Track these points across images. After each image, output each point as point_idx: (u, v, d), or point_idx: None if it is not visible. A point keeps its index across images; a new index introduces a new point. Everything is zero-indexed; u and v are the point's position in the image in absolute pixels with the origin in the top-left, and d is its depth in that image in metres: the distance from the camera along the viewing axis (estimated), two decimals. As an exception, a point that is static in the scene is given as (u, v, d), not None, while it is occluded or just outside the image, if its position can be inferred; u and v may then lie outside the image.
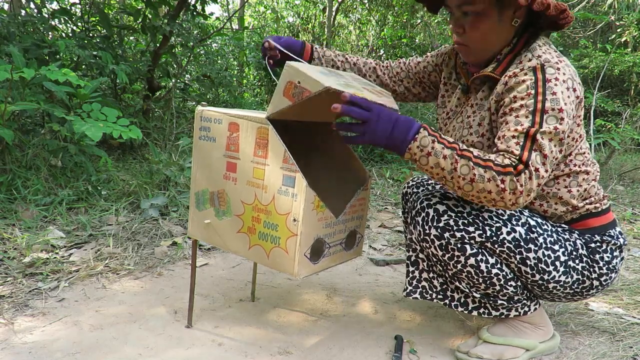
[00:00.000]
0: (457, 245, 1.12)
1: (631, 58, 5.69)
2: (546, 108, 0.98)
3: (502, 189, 0.95)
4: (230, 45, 5.65)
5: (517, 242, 1.11)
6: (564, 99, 0.99)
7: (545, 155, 0.97)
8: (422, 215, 1.14)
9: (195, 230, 1.31)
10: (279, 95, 1.08)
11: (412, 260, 1.24)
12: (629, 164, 4.94)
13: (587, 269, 1.17)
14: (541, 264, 1.12)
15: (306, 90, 1.03)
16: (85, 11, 3.84)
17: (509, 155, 0.98)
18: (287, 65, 1.06)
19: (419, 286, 1.24)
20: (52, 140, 2.58)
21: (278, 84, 1.08)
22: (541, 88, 1.00)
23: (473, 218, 1.11)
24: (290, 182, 1.09)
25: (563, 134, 0.99)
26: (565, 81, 1.01)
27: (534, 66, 1.03)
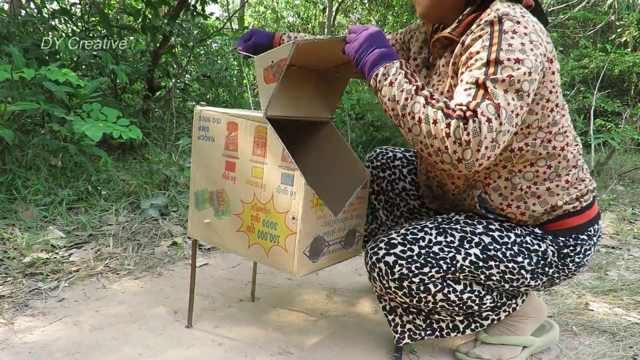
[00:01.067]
0: (420, 289, 1.08)
1: (631, 58, 5.69)
2: (501, 58, 0.89)
3: (447, 134, 0.86)
4: (231, 45, 5.65)
5: (475, 264, 1.07)
6: (523, 51, 0.90)
7: (497, 105, 0.86)
8: (376, 271, 1.12)
9: (195, 230, 1.31)
10: (262, 86, 1.11)
11: (387, 309, 1.20)
12: (629, 164, 4.93)
13: (557, 272, 1.13)
14: (507, 275, 1.09)
15: (281, 61, 1.05)
16: (85, 11, 3.84)
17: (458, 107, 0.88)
18: (255, 59, 1.11)
19: (405, 330, 1.20)
20: (52, 140, 2.58)
21: (257, 80, 1.12)
22: (496, 39, 0.91)
23: (424, 257, 1.07)
24: (289, 180, 1.09)
25: (520, 85, 0.88)
26: (527, 34, 0.92)
27: (491, 20, 0.94)
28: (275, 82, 1.08)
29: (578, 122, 4.40)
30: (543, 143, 1.04)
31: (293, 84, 1.29)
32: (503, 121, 0.86)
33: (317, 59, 1.26)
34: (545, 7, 5.61)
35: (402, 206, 1.46)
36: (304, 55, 1.17)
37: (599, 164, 4.14)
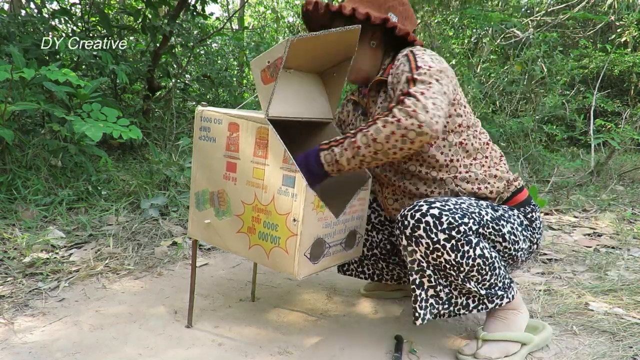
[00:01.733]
0: (465, 240, 1.14)
1: (631, 58, 5.69)
2: (418, 65, 1.17)
3: (398, 120, 1.06)
4: (230, 45, 5.65)
5: (494, 221, 1.22)
6: (432, 61, 1.18)
7: (428, 83, 1.11)
8: (422, 227, 1.14)
9: (195, 230, 1.31)
10: (261, 87, 1.12)
11: (417, 283, 1.21)
12: (629, 164, 4.94)
13: (531, 235, 1.32)
14: (513, 236, 1.25)
15: (278, 59, 1.06)
16: (85, 11, 3.84)
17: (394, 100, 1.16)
18: (251, 64, 1.13)
19: (427, 305, 1.23)
20: (52, 140, 2.58)
21: (255, 82, 1.13)
22: (411, 57, 1.20)
23: (461, 211, 1.16)
24: (290, 182, 1.09)
25: (439, 74, 1.14)
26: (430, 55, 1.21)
27: (405, 53, 1.24)
28: (273, 81, 1.08)
29: (578, 122, 4.40)
30: (475, 138, 1.29)
31: (293, 85, 1.29)
32: (435, 90, 1.10)
33: (314, 58, 1.26)
34: (545, 7, 5.61)
35: (372, 218, 1.51)
36: (300, 55, 1.17)
37: (599, 164, 4.14)
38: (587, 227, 2.69)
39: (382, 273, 1.56)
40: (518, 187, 1.32)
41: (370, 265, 1.55)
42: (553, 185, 3.71)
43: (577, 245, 2.33)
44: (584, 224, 2.75)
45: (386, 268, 1.55)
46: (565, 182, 3.77)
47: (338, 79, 1.36)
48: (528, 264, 1.59)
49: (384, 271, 1.55)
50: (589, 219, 2.90)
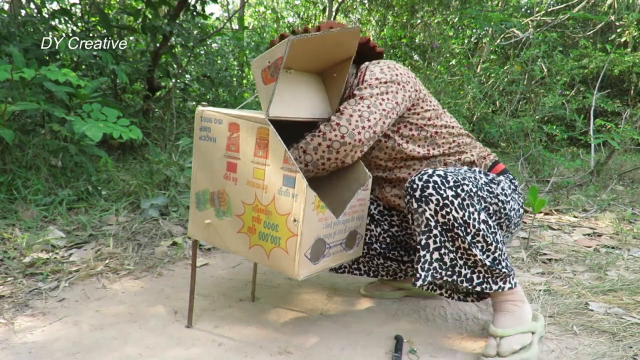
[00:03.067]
0: (469, 200, 1.20)
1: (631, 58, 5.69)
2: (365, 79, 1.29)
3: (323, 133, 1.20)
4: (230, 45, 5.65)
5: (487, 185, 1.31)
6: (382, 72, 1.29)
7: (360, 97, 1.24)
8: (430, 185, 1.19)
9: (196, 231, 1.31)
10: (262, 87, 1.12)
11: (422, 243, 1.23)
12: (629, 164, 4.94)
13: (518, 198, 1.42)
14: (504, 196, 1.33)
15: (278, 59, 1.07)
16: (85, 11, 3.84)
17: None
18: (252, 63, 1.13)
19: (430, 268, 1.24)
20: (52, 140, 2.58)
21: (255, 82, 1.13)
22: (362, 73, 1.32)
23: (461, 175, 1.25)
24: (290, 182, 1.09)
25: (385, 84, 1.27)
26: (386, 64, 1.32)
27: (360, 67, 1.36)
28: (274, 82, 1.08)
29: (578, 122, 4.40)
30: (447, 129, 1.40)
31: (293, 86, 1.29)
32: (366, 104, 1.23)
33: (314, 59, 1.26)
34: (545, 7, 5.62)
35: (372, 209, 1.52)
36: (301, 55, 1.17)
37: (599, 164, 4.14)
38: (587, 227, 2.70)
39: (377, 269, 1.57)
40: (494, 160, 1.45)
41: (366, 262, 1.56)
42: (553, 185, 3.71)
43: (577, 245, 2.33)
44: (584, 224, 2.75)
45: (382, 265, 1.55)
46: (565, 182, 3.77)
47: (338, 79, 1.36)
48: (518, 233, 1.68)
49: (379, 267, 1.56)
50: (589, 219, 2.90)
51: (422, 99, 1.37)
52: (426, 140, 1.38)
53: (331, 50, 1.24)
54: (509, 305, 1.32)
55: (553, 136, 5.09)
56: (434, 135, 1.38)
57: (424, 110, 1.37)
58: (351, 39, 1.22)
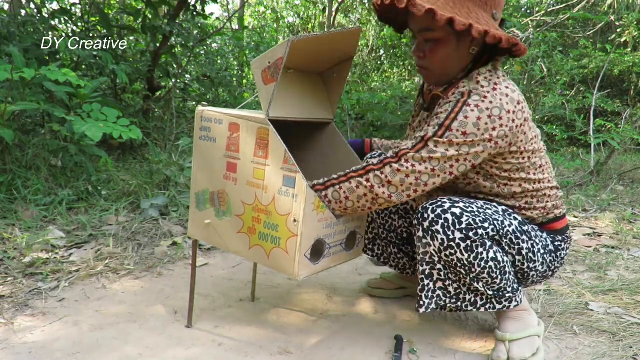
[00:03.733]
0: (479, 243, 1.15)
1: (631, 58, 5.69)
2: (452, 127, 1.08)
3: (371, 186, 1.10)
4: (230, 45, 5.65)
5: (515, 234, 1.21)
6: (476, 125, 1.07)
7: (432, 155, 1.08)
8: (440, 223, 1.14)
9: (196, 231, 1.31)
10: (263, 88, 1.12)
11: (426, 273, 1.21)
12: (629, 164, 4.94)
13: (552, 262, 1.32)
14: (530, 254, 1.24)
15: (279, 59, 1.06)
16: (85, 11, 3.84)
17: (391, 153, 1.12)
18: (252, 63, 1.12)
19: (434, 296, 1.23)
20: (52, 140, 2.58)
21: (256, 82, 1.12)
22: (458, 108, 1.09)
23: (483, 215, 1.16)
24: (290, 182, 1.09)
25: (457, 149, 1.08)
26: (489, 109, 1.08)
27: (462, 91, 1.13)
28: (274, 82, 1.08)
29: (578, 122, 4.40)
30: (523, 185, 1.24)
31: (293, 86, 1.29)
32: (430, 166, 1.09)
33: (314, 59, 1.26)
34: (545, 7, 5.62)
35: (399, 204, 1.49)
36: (301, 55, 1.17)
37: (599, 164, 4.14)
38: (587, 227, 2.69)
39: (389, 258, 1.56)
40: (558, 215, 1.31)
41: (382, 246, 1.55)
42: (553, 185, 3.71)
43: (577, 245, 2.33)
44: (584, 224, 2.75)
45: (395, 255, 1.55)
46: (565, 182, 3.77)
47: (338, 79, 1.36)
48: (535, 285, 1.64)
49: (391, 257, 1.55)
50: (589, 219, 2.90)
51: (512, 152, 1.17)
52: (491, 190, 1.24)
53: (332, 51, 1.24)
54: (513, 312, 1.32)
55: (553, 136, 5.09)
56: (501, 187, 1.23)
57: (505, 162, 1.19)
58: (352, 40, 1.22)
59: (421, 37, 1.17)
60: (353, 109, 4.85)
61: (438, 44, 1.15)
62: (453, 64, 1.18)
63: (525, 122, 1.15)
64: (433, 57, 1.17)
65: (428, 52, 1.17)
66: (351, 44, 1.23)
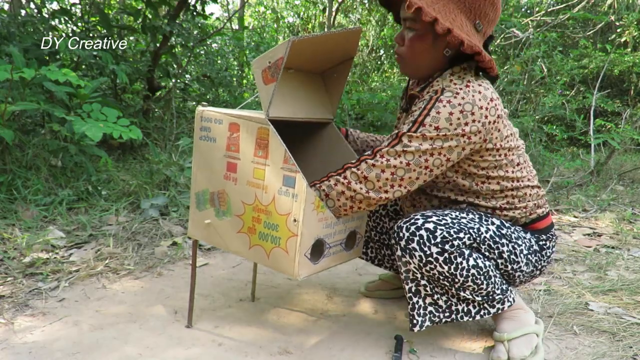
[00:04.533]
0: (457, 253, 1.15)
1: (631, 58, 5.69)
2: (424, 122, 1.09)
3: (348, 182, 1.11)
4: (230, 45, 5.65)
5: (493, 239, 1.21)
6: (448, 119, 1.09)
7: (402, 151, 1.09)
8: (415, 240, 1.15)
9: (195, 231, 1.31)
10: (262, 87, 1.11)
11: (413, 291, 1.21)
12: (629, 164, 4.94)
13: (538, 261, 1.32)
14: (512, 256, 1.25)
15: (279, 59, 1.06)
16: (85, 11, 3.84)
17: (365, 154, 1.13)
18: (252, 63, 1.12)
19: (427, 313, 1.23)
20: (52, 140, 2.58)
21: (256, 82, 1.12)
22: (430, 105, 1.11)
23: (457, 225, 1.17)
24: (290, 182, 1.09)
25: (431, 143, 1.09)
26: (461, 104, 1.09)
27: (436, 89, 1.16)
28: (274, 82, 1.08)
29: (578, 122, 4.40)
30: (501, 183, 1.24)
31: (293, 86, 1.29)
32: (405, 160, 1.10)
33: (314, 59, 1.26)
34: (545, 7, 5.61)
35: (388, 205, 1.52)
36: (301, 55, 1.17)
37: (599, 164, 4.14)
38: (587, 227, 2.69)
39: (383, 259, 1.56)
40: (541, 214, 1.31)
41: (375, 248, 1.56)
42: (553, 185, 3.71)
43: (577, 245, 2.33)
44: (584, 224, 2.75)
45: (389, 257, 1.55)
46: (565, 182, 3.77)
47: (338, 79, 1.36)
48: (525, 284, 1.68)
49: (385, 258, 1.56)
50: (589, 219, 2.90)
51: (488, 149, 1.18)
52: (470, 188, 1.24)
53: (332, 51, 1.24)
54: (509, 312, 1.32)
55: (553, 136, 5.09)
56: (479, 185, 1.23)
57: (482, 159, 1.19)
58: (352, 40, 1.22)
59: (404, 24, 1.22)
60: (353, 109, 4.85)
61: (417, 36, 1.19)
62: (426, 60, 1.21)
63: (499, 119, 1.16)
64: (409, 47, 1.21)
65: (407, 41, 1.21)
66: (351, 44, 1.23)
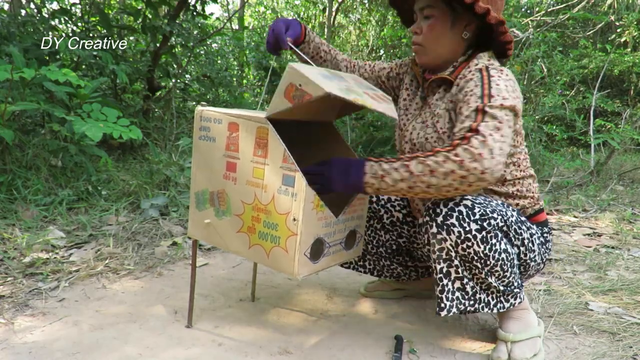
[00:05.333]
0: (493, 233, 1.15)
1: (631, 58, 5.69)
2: (492, 93, 1.11)
3: (461, 161, 1.02)
4: (230, 45, 5.65)
5: (517, 224, 1.23)
6: (507, 90, 1.12)
7: (499, 121, 1.06)
8: (455, 215, 1.13)
9: (195, 230, 1.31)
10: (280, 96, 1.08)
11: (444, 272, 1.19)
12: (629, 164, 4.94)
13: (544, 253, 1.34)
14: (530, 244, 1.27)
15: (307, 94, 1.02)
16: (85, 11, 3.84)
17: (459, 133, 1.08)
18: (290, 67, 1.06)
19: (454, 298, 1.21)
20: (52, 140, 2.58)
21: (279, 84, 1.08)
22: (486, 79, 1.15)
23: (490, 207, 1.17)
24: (290, 181, 1.09)
25: (509, 111, 1.10)
26: (509, 79, 1.15)
27: (480, 67, 1.19)
28: (291, 104, 1.06)
29: (578, 122, 4.40)
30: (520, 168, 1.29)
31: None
32: (504, 133, 1.06)
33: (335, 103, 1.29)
34: (545, 7, 5.61)
35: (384, 218, 1.51)
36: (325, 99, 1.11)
37: (599, 164, 4.14)
38: (587, 227, 2.69)
39: (382, 270, 1.57)
40: (541, 207, 1.34)
41: (373, 261, 1.56)
42: (553, 185, 3.71)
43: (577, 245, 2.33)
44: (584, 224, 2.75)
45: (388, 267, 1.55)
46: (565, 182, 3.77)
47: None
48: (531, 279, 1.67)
49: (384, 269, 1.56)
50: (589, 219, 2.90)
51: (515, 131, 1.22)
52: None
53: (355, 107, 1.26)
54: (514, 312, 1.32)
55: (553, 136, 5.08)
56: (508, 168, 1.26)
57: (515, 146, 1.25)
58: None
59: (421, 14, 1.25)
60: (353, 109, 4.83)
61: (435, 21, 1.22)
62: (445, 44, 1.25)
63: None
64: (428, 34, 1.24)
65: (425, 28, 1.24)
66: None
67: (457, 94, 1.19)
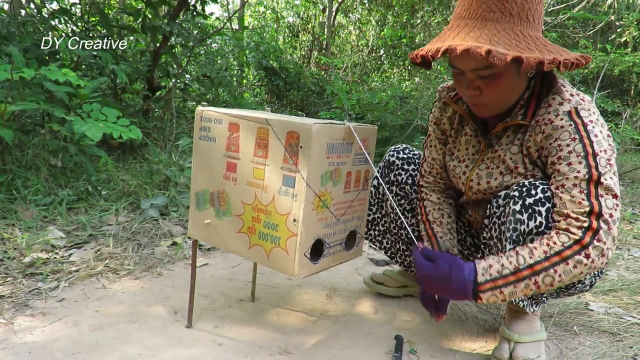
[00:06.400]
0: None
1: (631, 58, 5.69)
2: (595, 151, 1.02)
3: (592, 261, 0.98)
4: (230, 45, 5.65)
5: None
6: (604, 138, 1.05)
7: (615, 195, 1.00)
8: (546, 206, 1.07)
9: (195, 230, 1.31)
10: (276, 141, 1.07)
11: None
12: (629, 164, 4.94)
13: None
14: None
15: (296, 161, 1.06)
16: (85, 11, 3.84)
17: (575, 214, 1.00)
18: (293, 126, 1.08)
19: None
20: (52, 140, 2.58)
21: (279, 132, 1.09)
22: (584, 132, 1.04)
23: None
24: (290, 182, 1.09)
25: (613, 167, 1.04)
26: (599, 120, 1.07)
27: (568, 110, 1.06)
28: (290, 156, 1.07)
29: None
30: None
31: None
32: (618, 202, 1.01)
33: None
34: (545, 7, 5.61)
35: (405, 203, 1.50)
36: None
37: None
38: (587, 227, 2.69)
39: (396, 254, 1.56)
40: None
41: (392, 241, 1.55)
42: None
43: (577, 245, 2.33)
44: (584, 224, 2.75)
45: (402, 252, 1.53)
46: (565, 182, 3.76)
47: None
48: None
49: (398, 253, 1.55)
50: (589, 219, 2.89)
51: None
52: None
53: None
54: (522, 314, 1.31)
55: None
56: None
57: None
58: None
59: (474, 74, 1.07)
60: (353, 109, 4.85)
61: (498, 77, 1.06)
62: (514, 93, 1.12)
63: None
64: (493, 92, 1.09)
65: (485, 88, 1.09)
66: None
67: (544, 142, 1.09)
